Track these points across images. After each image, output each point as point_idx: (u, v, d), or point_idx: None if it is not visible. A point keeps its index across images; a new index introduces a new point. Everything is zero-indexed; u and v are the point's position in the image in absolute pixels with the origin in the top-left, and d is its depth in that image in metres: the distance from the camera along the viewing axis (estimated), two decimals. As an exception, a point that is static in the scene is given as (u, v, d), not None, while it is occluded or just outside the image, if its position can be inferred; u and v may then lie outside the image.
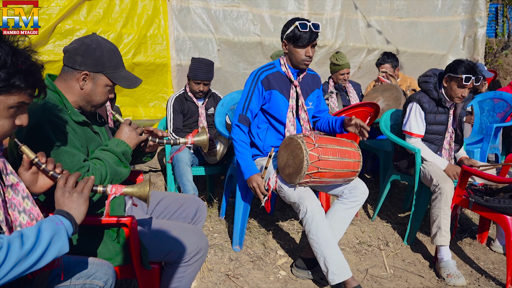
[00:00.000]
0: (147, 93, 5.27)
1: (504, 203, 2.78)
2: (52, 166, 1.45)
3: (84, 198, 1.43)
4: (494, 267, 3.12)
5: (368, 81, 6.34)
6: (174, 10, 5.31)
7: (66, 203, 1.40)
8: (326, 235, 2.51)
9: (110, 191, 1.55)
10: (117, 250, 1.84)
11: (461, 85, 3.07)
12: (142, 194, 1.58)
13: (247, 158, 2.76)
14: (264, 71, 2.79)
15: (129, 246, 1.84)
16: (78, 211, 1.41)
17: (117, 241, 1.85)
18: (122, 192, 1.57)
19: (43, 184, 1.48)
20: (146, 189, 1.58)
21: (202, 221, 2.38)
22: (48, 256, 1.26)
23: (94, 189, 1.52)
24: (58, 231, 1.30)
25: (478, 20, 7.24)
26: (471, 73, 3.04)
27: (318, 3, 6.19)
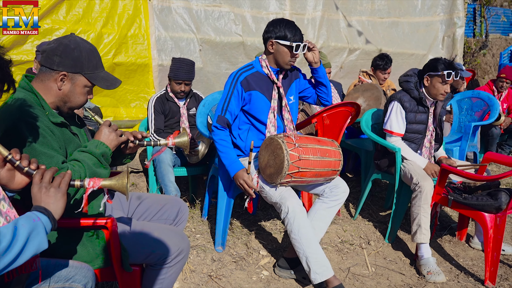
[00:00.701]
0: (128, 93, 5.22)
1: (482, 201, 2.83)
2: (27, 162, 1.43)
3: (61, 193, 1.41)
4: (473, 263, 3.18)
5: (350, 80, 6.39)
6: (155, 10, 5.27)
7: (43, 199, 1.38)
8: (307, 235, 2.52)
9: (88, 185, 1.54)
10: (97, 253, 1.83)
11: (443, 81, 3.14)
12: (120, 186, 1.56)
13: (230, 156, 2.76)
14: (243, 72, 2.79)
15: (109, 248, 1.83)
16: (56, 206, 1.39)
17: (97, 243, 1.83)
18: (100, 185, 1.55)
19: (21, 180, 1.45)
20: (124, 181, 1.56)
21: (184, 222, 2.37)
22: (26, 253, 1.23)
23: (72, 183, 1.50)
24: (35, 227, 1.27)
25: (456, 20, 7.36)
26: (451, 69, 3.10)
27: (299, 3, 6.22)
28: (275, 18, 2.79)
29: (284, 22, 2.72)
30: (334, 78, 6.31)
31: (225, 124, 2.80)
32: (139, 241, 1.94)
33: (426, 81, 3.21)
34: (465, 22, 7.66)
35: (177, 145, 2.09)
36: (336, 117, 3.66)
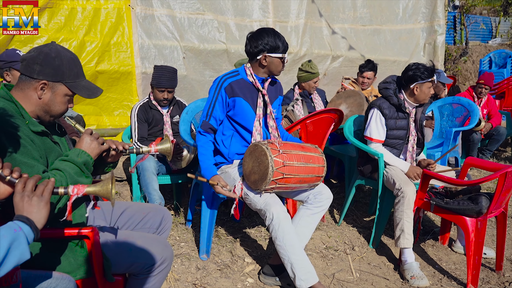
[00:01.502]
0: (111, 101, 5.18)
1: (463, 205, 2.87)
2: (9, 171, 1.41)
3: (44, 202, 1.39)
4: (456, 267, 3.21)
5: (333, 87, 6.45)
6: (138, 18, 5.26)
7: (26, 208, 1.36)
8: (292, 241, 2.53)
9: (72, 192, 1.52)
10: (78, 263, 1.80)
11: (431, 86, 3.25)
12: (105, 192, 1.55)
13: (207, 162, 2.77)
14: (227, 78, 2.80)
15: (91, 258, 1.81)
16: (39, 215, 1.37)
17: (78, 253, 1.81)
18: (84, 192, 1.53)
19: (4, 189, 1.43)
20: (108, 186, 1.55)
21: (167, 231, 2.35)
22: (7, 264, 1.21)
23: (55, 191, 1.48)
24: (17, 237, 1.25)
25: (437, 28, 7.49)
26: (434, 72, 3.23)
27: (282, 11, 6.27)
28: (259, 30, 2.79)
29: (271, 33, 2.75)
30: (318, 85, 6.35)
31: (209, 130, 2.80)
32: (122, 251, 1.92)
33: (416, 90, 3.25)
34: (445, 29, 7.79)
35: (159, 151, 2.08)
36: (319, 124, 3.69)
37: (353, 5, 6.93)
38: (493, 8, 16.06)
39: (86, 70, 4.83)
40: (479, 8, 14.70)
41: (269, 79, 2.87)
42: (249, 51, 2.80)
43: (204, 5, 5.68)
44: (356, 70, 5.43)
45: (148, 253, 1.95)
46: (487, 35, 13.94)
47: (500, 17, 14.01)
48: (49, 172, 1.72)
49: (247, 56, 2.86)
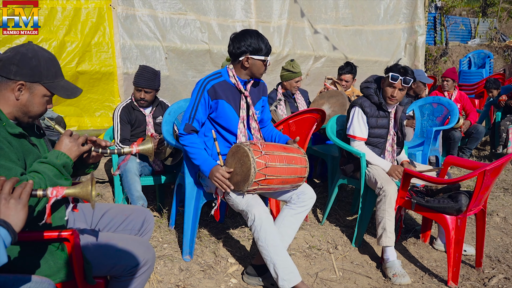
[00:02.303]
0: (92, 102, 5.13)
1: (443, 203, 2.91)
2: None
3: (22, 204, 1.37)
4: (437, 264, 3.26)
5: (316, 87, 6.48)
6: (120, 18, 5.22)
7: (3, 211, 1.34)
8: (274, 242, 2.53)
9: (51, 194, 1.49)
10: (58, 266, 1.77)
11: (388, 83, 3.23)
12: (85, 194, 1.53)
13: (201, 156, 2.73)
14: (210, 81, 2.78)
15: (71, 261, 1.78)
16: (17, 218, 1.34)
17: (58, 256, 1.78)
18: (63, 194, 1.51)
19: None
20: (88, 188, 1.52)
21: (149, 232, 2.33)
22: None
23: (34, 193, 1.46)
24: None
25: (417, 29, 7.59)
26: (399, 74, 3.18)
27: (265, 11, 6.28)
28: (243, 31, 2.78)
29: (255, 35, 2.74)
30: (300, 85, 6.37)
31: (192, 132, 2.79)
32: (103, 253, 1.90)
33: (382, 85, 3.29)
34: (426, 30, 7.91)
35: (141, 152, 2.06)
36: (302, 124, 3.70)
37: (335, 6, 6.98)
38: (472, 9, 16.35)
39: (66, 70, 4.77)
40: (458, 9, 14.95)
41: (251, 80, 2.87)
42: (231, 52, 2.79)
43: (186, 5, 5.66)
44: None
45: (129, 255, 1.93)
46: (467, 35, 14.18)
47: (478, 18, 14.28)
48: (27, 174, 1.68)
49: (230, 57, 2.85)
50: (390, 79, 3.18)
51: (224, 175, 2.62)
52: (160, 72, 3.91)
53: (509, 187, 5.03)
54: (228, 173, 2.62)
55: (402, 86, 3.19)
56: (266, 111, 3.08)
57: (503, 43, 13.55)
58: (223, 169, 2.63)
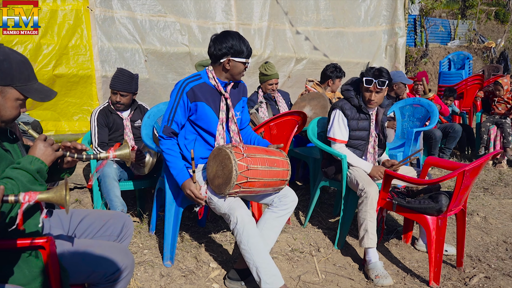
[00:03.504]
0: (70, 106, 5.06)
1: (424, 204, 2.95)
2: None
3: None
4: (419, 265, 3.29)
5: (297, 90, 6.50)
6: (98, 20, 5.16)
7: None
8: (257, 245, 2.52)
9: (23, 200, 1.46)
10: (33, 275, 1.74)
11: (365, 88, 3.26)
12: (59, 198, 1.50)
13: (177, 166, 2.74)
14: (189, 82, 2.77)
15: (47, 269, 1.75)
16: None
17: (33, 264, 1.74)
18: (36, 199, 1.48)
19: None
20: (62, 192, 1.50)
21: (129, 238, 2.30)
22: None
23: (5, 199, 1.43)
24: None
25: (398, 30, 7.69)
26: (373, 77, 3.22)
27: (246, 13, 6.29)
28: (224, 32, 2.77)
29: (236, 37, 2.74)
30: (281, 87, 6.41)
31: (171, 134, 2.78)
32: (80, 260, 1.87)
33: (360, 88, 3.33)
34: (406, 32, 8.02)
35: (118, 157, 2.04)
36: (283, 126, 3.71)
37: (316, 8, 7.03)
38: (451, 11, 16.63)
39: (43, 74, 4.70)
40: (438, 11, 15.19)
41: (232, 82, 2.87)
42: (212, 53, 2.78)
43: (166, 7, 5.63)
44: (320, 72, 5.48)
45: (108, 261, 1.90)
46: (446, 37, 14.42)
47: (458, 19, 14.53)
48: (0, 180, 1.65)
49: (210, 59, 2.83)
50: (364, 84, 3.22)
51: (195, 192, 2.69)
52: (139, 75, 3.88)
53: (489, 187, 5.12)
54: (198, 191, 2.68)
55: (378, 89, 3.23)
56: (245, 112, 3.08)
57: (482, 44, 13.82)
58: (195, 186, 2.68)
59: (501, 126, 6.01)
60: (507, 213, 4.33)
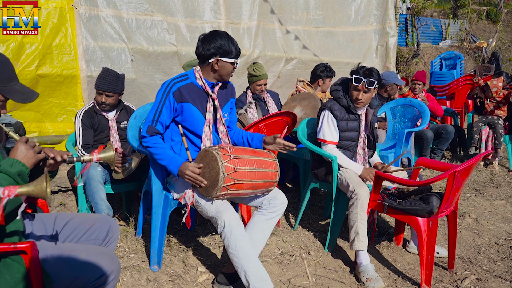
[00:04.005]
0: (54, 107, 5.01)
1: (415, 205, 2.97)
2: None
3: None
4: (410, 267, 3.31)
5: (287, 90, 6.52)
6: (83, 18, 5.13)
7: None
8: (245, 248, 2.52)
9: (3, 194, 1.45)
10: (15, 280, 1.72)
11: (353, 86, 3.29)
12: (39, 191, 1.49)
13: (168, 155, 2.69)
14: (176, 83, 2.76)
15: (29, 275, 1.73)
16: None
17: (15, 270, 1.73)
18: (16, 193, 1.47)
19: None
20: (43, 185, 1.49)
21: (114, 242, 2.29)
22: None
23: None
24: None
25: (388, 30, 7.74)
26: (363, 76, 3.24)
27: (234, 12, 6.28)
28: (213, 32, 2.76)
29: (225, 36, 2.73)
30: (271, 87, 6.42)
31: (154, 134, 2.75)
32: (64, 265, 1.86)
33: (349, 87, 3.35)
34: (397, 31, 8.07)
35: (102, 160, 2.02)
36: (273, 127, 3.72)
37: (306, 7, 7.05)
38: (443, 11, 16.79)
39: (26, 74, 4.66)
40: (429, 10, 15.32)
41: (219, 83, 2.86)
42: (200, 53, 2.77)
43: (153, 6, 5.61)
44: (310, 72, 5.50)
45: (92, 266, 1.89)
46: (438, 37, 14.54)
47: (449, 19, 14.66)
48: (-20, 183, 1.63)
49: (198, 59, 2.82)
50: (353, 82, 3.24)
51: (195, 171, 2.59)
52: (125, 75, 3.86)
53: (480, 188, 5.17)
54: (199, 168, 2.60)
55: (366, 88, 3.25)
56: (233, 113, 3.08)
57: (473, 44, 13.96)
58: (192, 165, 2.60)
59: (493, 127, 6.06)
60: (499, 214, 4.38)
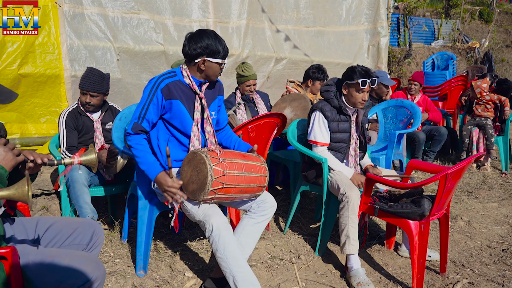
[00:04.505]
0: (37, 107, 4.98)
1: (406, 208, 2.99)
2: None
3: None
4: (402, 271, 3.33)
5: (277, 90, 6.53)
6: (67, 16, 5.10)
7: None
8: (234, 253, 2.52)
9: None
10: (-5, 287, 1.71)
11: (358, 89, 3.30)
12: (21, 195, 1.48)
13: (147, 160, 2.69)
14: (164, 79, 2.75)
15: (10, 281, 1.72)
16: None
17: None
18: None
19: None
20: (24, 189, 1.48)
21: (99, 247, 2.28)
22: None
23: None
24: None
25: (380, 30, 7.79)
26: (366, 77, 3.27)
27: (223, 11, 6.29)
28: (200, 31, 2.76)
29: (212, 36, 2.72)
30: (261, 88, 6.42)
31: (140, 132, 2.74)
32: (46, 271, 1.84)
33: (344, 90, 3.36)
34: (389, 31, 8.12)
35: (83, 163, 2.01)
36: (262, 129, 3.72)
37: (296, 6, 7.07)
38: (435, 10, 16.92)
39: (7, 73, 4.62)
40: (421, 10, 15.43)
41: (207, 82, 2.86)
42: (187, 53, 2.76)
43: (139, 4, 5.60)
44: (300, 72, 5.53)
45: (76, 272, 1.87)
46: (430, 37, 14.65)
47: (442, 19, 14.78)
48: (-42, 187, 1.62)
49: (185, 58, 2.82)
50: (361, 85, 3.25)
51: (173, 185, 2.61)
52: (111, 75, 3.84)
53: (473, 191, 5.22)
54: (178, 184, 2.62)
55: (370, 88, 3.29)
56: (223, 112, 3.07)
57: (466, 44, 14.09)
58: (171, 181, 2.61)
59: (483, 128, 6.13)
60: (491, 217, 4.43)
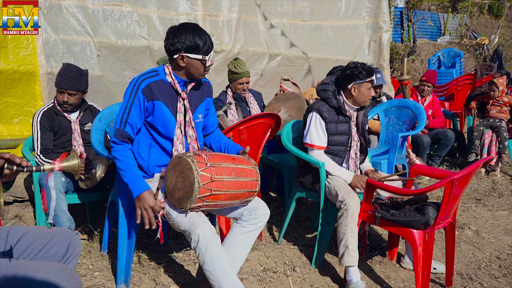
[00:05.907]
0: (10, 107, 4.96)
1: (410, 217, 2.99)
2: None
3: None
4: (405, 285, 3.35)
5: (271, 89, 6.53)
6: (42, 9, 5.08)
7: None
8: (223, 265, 2.52)
9: None
10: (-39, 303, 1.70)
11: (367, 86, 3.35)
12: None
13: (132, 174, 2.68)
14: (145, 79, 2.74)
15: (-22, 296, 1.71)
16: None
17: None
18: None
19: None
20: None
21: (76, 259, 2.26)
22: None
23: None
24: None
25: (382, 24, 7.82)
26: (373, 72, 3.35)
27: (213, 3, 6.29)
28: (180, 25, 2.73)
29: (190, 29, 2.69)
30: (253, 86, 6.43)
31: (125, 139, 2.73)
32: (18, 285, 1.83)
33: (353, 90, 3.36)
34: (391, 26, 8.17)
35: (65, 169, 2.01)
36: (254, 130, 3.73)
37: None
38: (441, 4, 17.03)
39: (-23, 70, 4.60)
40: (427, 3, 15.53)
41: (192, 82, 2.85)
42: (166, 48, 2.76)
43: (122, -5, 5.60)
44: (296, 69, 5.53)
45: (50, 286, 1.87)
46: (436, 32, 14.76)
47: (448, 13, 14.88)
48: None
49: (166, 54, 2.82)
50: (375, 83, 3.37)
51: (155, 208, 2.64)
52: (91, 72, 3.83)
53: (481, 198, 5.25)
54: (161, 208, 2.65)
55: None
56: (212, 114, 3.07)
57: (474, 40, 14.19)
58: (154, 202, 2.63)
59: (496, 130, 6.11)
60: (501, 226, 4.45)
